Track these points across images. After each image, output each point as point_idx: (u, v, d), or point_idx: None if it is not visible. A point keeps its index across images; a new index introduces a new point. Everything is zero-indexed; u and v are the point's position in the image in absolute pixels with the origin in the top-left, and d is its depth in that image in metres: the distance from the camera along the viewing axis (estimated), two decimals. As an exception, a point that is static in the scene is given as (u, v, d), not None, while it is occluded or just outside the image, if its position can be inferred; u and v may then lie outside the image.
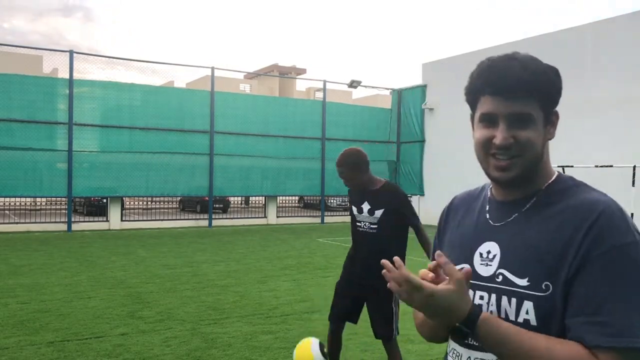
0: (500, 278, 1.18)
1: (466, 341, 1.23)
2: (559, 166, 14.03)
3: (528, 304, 1.13)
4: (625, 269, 1.06)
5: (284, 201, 20.80)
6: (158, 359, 4.73)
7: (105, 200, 18.40)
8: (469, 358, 1.22)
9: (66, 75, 16.02)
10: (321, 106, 20.51)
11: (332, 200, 24.64)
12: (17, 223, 16.50)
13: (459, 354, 1.25)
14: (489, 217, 1.28)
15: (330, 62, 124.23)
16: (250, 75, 51.25)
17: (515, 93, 1.17)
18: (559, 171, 1.28)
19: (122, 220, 17.49)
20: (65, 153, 15.82)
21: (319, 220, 20.52)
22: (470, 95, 1.26)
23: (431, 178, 20.31)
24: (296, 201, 25.37)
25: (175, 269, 9.32)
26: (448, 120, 19.50)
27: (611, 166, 13.12)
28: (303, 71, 58.44)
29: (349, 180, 3.76)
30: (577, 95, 15.12)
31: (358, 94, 57.29)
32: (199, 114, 17.86)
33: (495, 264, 1.21)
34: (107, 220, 17.29)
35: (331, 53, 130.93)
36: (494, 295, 1.19)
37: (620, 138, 14.04)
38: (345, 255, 4.15)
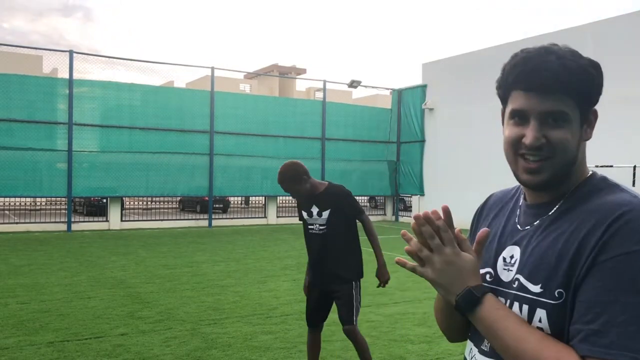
0: (516, 284, 1.14)
1: (482, 346, 1.19)
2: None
3: (541, 312, 1.07)
4: (630, 277, 0.97)
5: (284, 201, 20.80)
6: (158, 359, 4.73)
7: (105, 200, 18.40)
8: None
9: (66, 75, 16.03)
10: (321, 106, 20.51)
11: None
12: (17, 223, 16.50)
13: (475, 359, 1.22)
14: (517, 221, 1.23)
15: (330, 62, 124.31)
16: (250, 75, 51.26)
17: (550, 90, 1.08)
18: (594, 171, 1.19)
19: (122, 220, 17.50)
20: (65, 153, 15.83)
21: (319, 220, 20.49)
22: (501, 89, 1.17)
23: (431, 178, 20.31)
24: (296, 201, 25.33)
25: (175, 269, 9.32)
26: (448, 120, 19.51)
27: (611, 166, 13.12)
28: (303, 71, 58.44)
29: (294, 192, 4.00)
30: (577, 95, 15.15)
31: (358, 94, 57.28)
32: (199, 114, 17.87)
33: (515, 269, 1.16)
34: (107, 220, 17.29)
35: (331, 53, 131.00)
36: (510, 301, 1.14)
37: (620, 138, 14.04)
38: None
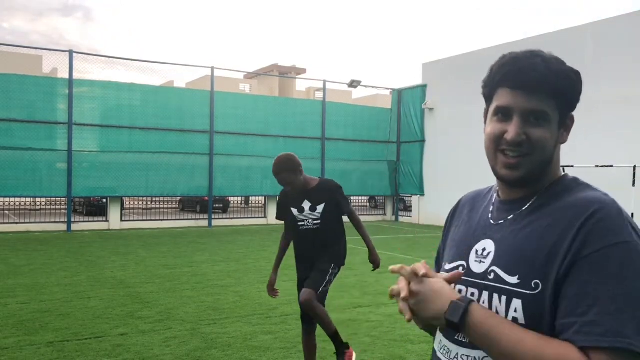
0: (492, 275, 1.18)
1: (456, 337, 1.21)
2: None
3: (517, 302, 1.12)
4: (615, 268, 1.03)
5: (284, 201, 20.82)
6: (158, 359, 4.73)
7: (105, 200, 18.40)
8: (457, 354, 1.21)
9: (66, 75, 16.02)
10: (321, 106, 20.51)
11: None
12: (17, 223, 16.50)
13: (448, 349, 1.24)
14: (490, 216, 1.28)
15: (330, 62, 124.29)
16: (250, 75, 51.23)
17: (535, 90, 1.15)
18: (566, 173, 1.26)
19: (122, 220, 17.49)
20: (65, 153, 15.82)
21: (319, 220, 20.49)
22: (488, 87, 1.23)
23: (431, 178, 20.31)
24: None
25: (175, 269, 9.32)
26: (448, 120, 19.50)
27: (611, 166, 13.12)
28: (303, 71, 58.39)
29: (290, 183, 3.96)
30: (577, 95, 15.13)
31: (358, 94, 57.27)
32: (199, 114, 17.86)
33: (488, 261, 1.20)
34: (107, 220, 17.29)
35: (331, 53, 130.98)
36: (485, 292, 1.18)
37: (620, 138, 14.04)
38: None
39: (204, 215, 19.86)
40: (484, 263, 1.21)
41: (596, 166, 13.42)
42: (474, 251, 1.25)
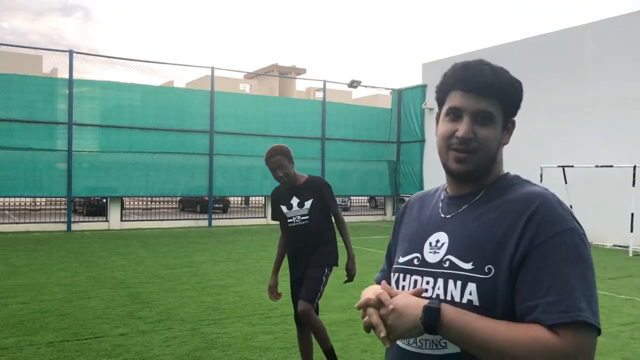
0: (447, 263, 1.28)
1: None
2: (559, 166, 14.03)
3: (472, 286, 1.22)
4: (565, 252, 1.17)
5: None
6: (158, 359, 4.73)
7: (105, 200, 18.39)
8: (417, 338, 1.29)
9: (66, 75, 16.01)
10: (321, 106, 20.51)
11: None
12: (17, 223, 16.48)
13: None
14: (441, 211, 1.39)
15: (330, 62, 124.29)
16: (250, 75, 51.24)
17: (483, 92, 1.28)
18: (508, 171, 1.38)
19: (122, 220, 17.48)
20: (65, 153, 15.82)
21: (319, 220, 20.47)
22: (442, 91, 1.36)
23: (431, 178, 20.30)
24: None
25: (175, 269, 9.32)
26: (448, 120, 19.49)
27: (611, 166, 13.11)
28: (303, 71, 58.38)
29: (282, 167, 3.94)
30: (578, 95, 15.12)
31: (358, 94, 57.26)
32: (199, 114, 17.85)
33: (442, 251, 1.31)
34: (107, 220, 17.28)
35: (331, 53, 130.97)
36: (440, 279, 1.28)
37: (620, 138, 14.03)
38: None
39: (204, 215, 19.85)
40: (438, 253, 1.32)
41: (596, 166, 13.42)
42: (427, 243, 1.36)
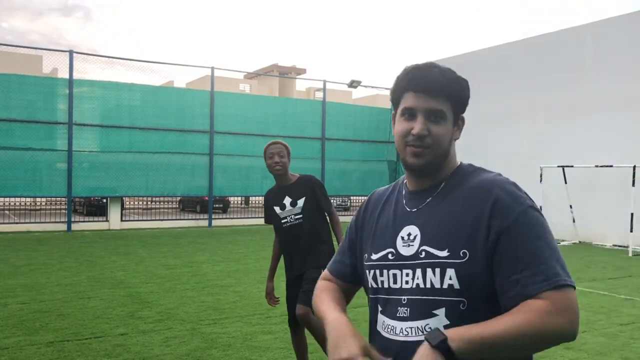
0: (424, 254, 1.36)
1: (397, 314, 1.38)
2: (559, 166, 14.04)
3: (450, 271, 1.31)
4: (532, 228, 1.28)
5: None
6: (158, 359, 4.73)
7: (105, 200, 18.40)
8: (402, 328, 1.37)
9: (66, 75, 16.02)
10: (321, 106, 20.51)
11: (333, 201, 24.65)
12: (17, 223, 16.49)
13: (393, 327, 1.40)
14: (405, 206, 1.46)
15: (330, 62, 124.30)
16: (250, 75, 51.24)
17: (434, 92, 1.38)
18: (461, 161, 1.48)
19: (122, 220, 17.49)
20: (65, 153, 15.82)
21: (318, 220, 20.47)
22: (396, 93, 1.45)
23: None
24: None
25: (175, 269, 9.32)
26: (448, 120, 19.46)
27: (611, 166, 13.11)
28: (303, 71, 58.39)
29: (282, 157, 3.96)
30: (578, 95, 15.11)
31: (358, 94, 57.24)
32: (199, 114, 17.85)
33: (416, 243, 1.38)
34: (107, 220, 17.29)
35: (331, 53, 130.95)
36: (419, 269, 1.35)
37: (620, 138, 14.02)
38: None
39: (204, 215, 19.85)
40: (412, 246, 1.39)
41: (596, 166, 13.42)
42: (399, 238, 1.43)
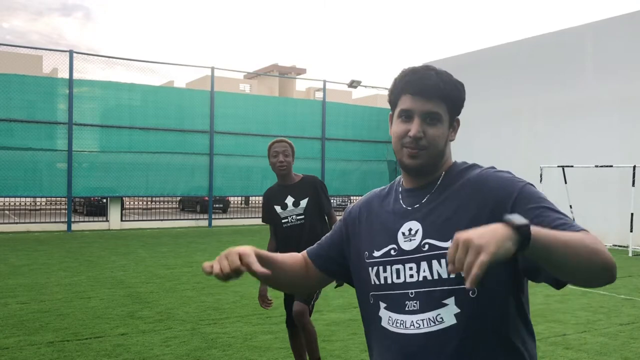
0: (427, 247, 1.39)
1: (406, 308, 1.39)
2: (559, 166, 14.03)
3: None
4: (536, 197, 1.34)
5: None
6: (158, 359, 4.73)
7: (105, 200, 18.40)
8: (412, 321, 1.38)
9: (66, 75, 16.02)
10: (321, 106, 20.51)
11: (333, 200, 24.65)
12: (17, 223, 16.49)
13: (403, 321, 1.40)
14: (403, 203, 1.50)
15: (330, 62, 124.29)
16: (250, 75, 51.22)
17: (431, 95, 1.41)
18: (455, 160, 1.53)
19: (122, 220, 17.49)
20: (65, 153, 15.82)
21: (318, 220, 20.48)
22: (393, 94, 1.48)
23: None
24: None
25: (175, 269, 9.32)
26: (448, 120, 19.45)
27: (611, 166, 13.11)
28: (303, 71, 58.32)
29: (287, 156, 3.93)
30: (578, 95, 15.11)
31: (358, 94, 57.18)
32: (199, 114, 17.86)
33: (418, 237, 1.41)
34: (107, 220, 17.29)
35: (331, 53, 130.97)
36: (424, 262, 1.39)
37: (620, 138, 14.03)
38: None
39: (204, 215, 19.86)
40: (414, 240, 1.42)
41: (596, 166, 13.42)
42: (400, 234, 1.45)
